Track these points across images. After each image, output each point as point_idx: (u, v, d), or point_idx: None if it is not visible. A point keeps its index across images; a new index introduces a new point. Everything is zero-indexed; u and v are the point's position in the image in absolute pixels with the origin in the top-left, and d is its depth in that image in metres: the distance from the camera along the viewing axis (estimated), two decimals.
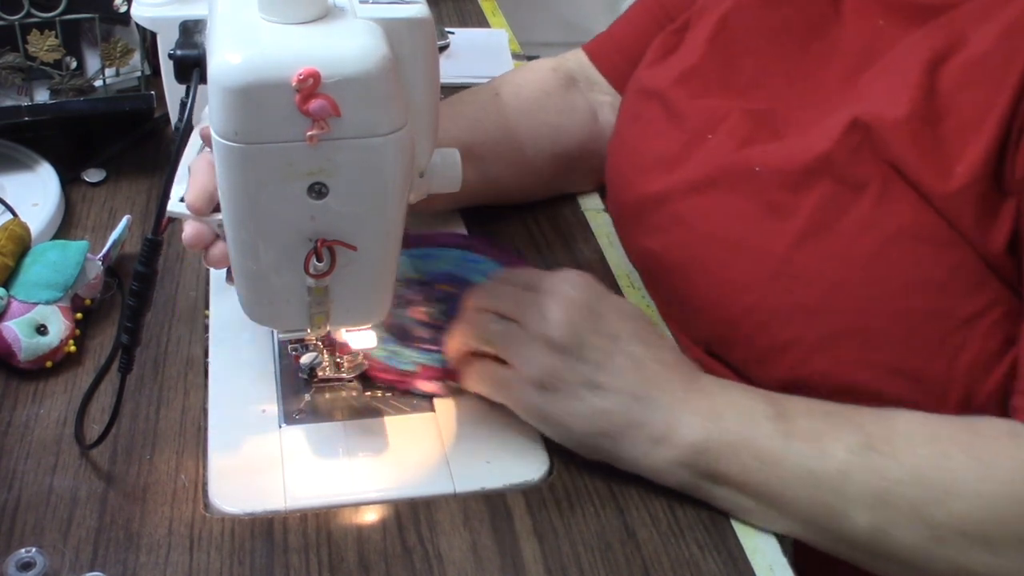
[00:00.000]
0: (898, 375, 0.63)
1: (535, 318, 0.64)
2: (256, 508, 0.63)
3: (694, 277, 0.72)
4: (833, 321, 0.65)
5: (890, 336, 0.63)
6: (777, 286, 0.66)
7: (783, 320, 0.66)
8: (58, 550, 0.59)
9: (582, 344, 0.63)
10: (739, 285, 0.68)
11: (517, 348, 0.64)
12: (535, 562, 0.61)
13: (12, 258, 0.73)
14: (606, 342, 0.64)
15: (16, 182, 0.88)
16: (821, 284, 0.65)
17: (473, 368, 0.68)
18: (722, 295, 0.70)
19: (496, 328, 0.66)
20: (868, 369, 0.64)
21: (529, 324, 0.64)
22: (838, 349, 0.65)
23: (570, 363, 0.63)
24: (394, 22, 0.56)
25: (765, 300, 0.67)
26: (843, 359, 0.65)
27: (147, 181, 0.92)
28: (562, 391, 0.63)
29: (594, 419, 0.63)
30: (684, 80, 0.77)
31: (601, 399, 0.63)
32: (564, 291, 0.65)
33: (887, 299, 0.63)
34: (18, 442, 0.66)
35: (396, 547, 0.61)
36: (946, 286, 0.62)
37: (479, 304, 0.68)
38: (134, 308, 0.60)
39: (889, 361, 0.64)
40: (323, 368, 0.71)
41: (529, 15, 2.11)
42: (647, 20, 0.91)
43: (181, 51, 0.55)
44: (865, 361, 0.64)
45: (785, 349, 0.66)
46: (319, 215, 0.56)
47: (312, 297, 0.60)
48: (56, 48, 0.88)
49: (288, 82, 0.50)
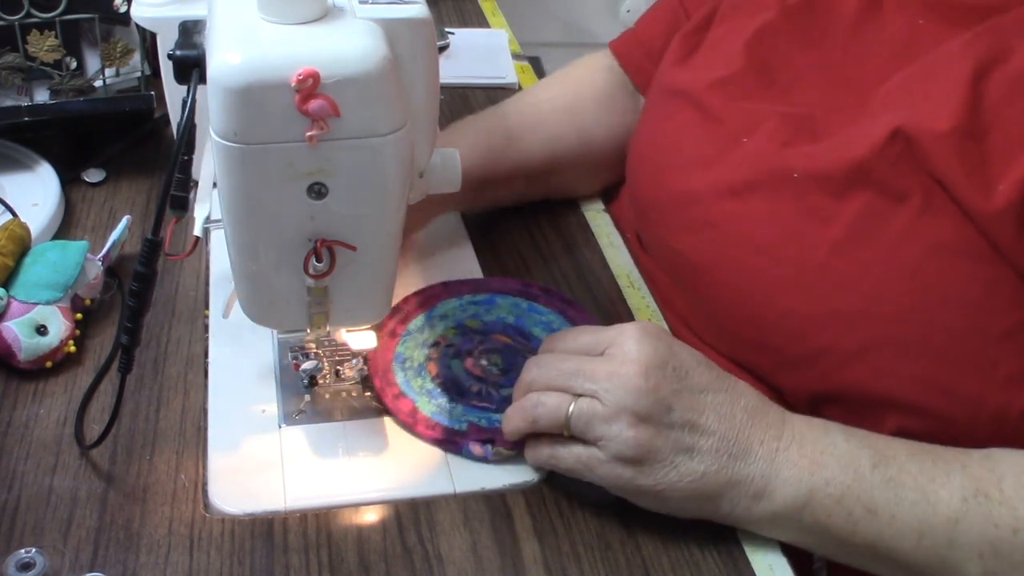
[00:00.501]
0: (931, 388, 0.62)
1: (612, 391, 0.59)
2: (256, 508, 0.63)
3: (725, 280, 0.71)
4: (868, 331, 0.63)
5: (925, 349, 0.62)
6: (813, 293, 0.65)
7: (817, 327, 0.65)
8: (58, 550, 0.59)
9: (669, 408, 0.59)
10: (773, 290, 0.67)
11: (598, 427, 0.59)
12: (535, 562, 0.61)
13: (12, 258, 0.73)
14: (692, 400, 0.60)
15: (16, 182, 0.88)
16: (859, 293, 0.63)
17: (547, 448, 0.63)
18: (754, 300, 0.68)
19: (570, 410, 0.60)
20: (901, 381, 0.63)
21: (606, 398, 0.59)
22: (872, 359, 0.63)
23: (659, 432, 0.59)
24: (394, 22, 0.56)
25: (800, 306, 0.66)
26: (876, 370, 0.63)
27: (147, 181, 0.92)
28: (655, 462, 0.59)
29: (692, 485, 0.59)
30: (721, 86, 0.75)
31: (697, 462, 0.59)
32: (635, 354, 0.60)
33: (924, 311, 0.62)
34: (18, 442, 0.66)
35: (396, 547, 0.61)
36: (983, 301, 0.61)
37: (543, 380, 0.62)
38: (134, 308, 0.60)
39: (923, 374, 0.62)
40: (323, 376, 0.71)
41: (529, 15, 2.10)
42: (668, 17, 0.91)
43: (181, 51, 0.55)
44: (899, 373, 0.63)
45: (817, 357, 0.65)
46: (319, 215, 0.56)
47: (312, 297, 0.60)
48: (56, 48, 0.88)
49: (288, 82, 0.50)
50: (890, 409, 0.63)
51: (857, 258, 0.64)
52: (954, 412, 0.62)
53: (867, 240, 0.64)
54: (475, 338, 0.74)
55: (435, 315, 0.76)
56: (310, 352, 0.73)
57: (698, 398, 0.60)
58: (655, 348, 0.60)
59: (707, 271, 0.72)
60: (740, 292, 0.70)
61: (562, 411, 0.60)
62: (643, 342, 0.60)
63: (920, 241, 0.62)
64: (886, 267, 0.63)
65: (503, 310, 0.77)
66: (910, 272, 0.62)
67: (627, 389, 0.59)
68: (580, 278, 0.84)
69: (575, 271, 0.85)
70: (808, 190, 0.67)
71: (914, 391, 0.63)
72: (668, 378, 0.60)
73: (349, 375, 0.72)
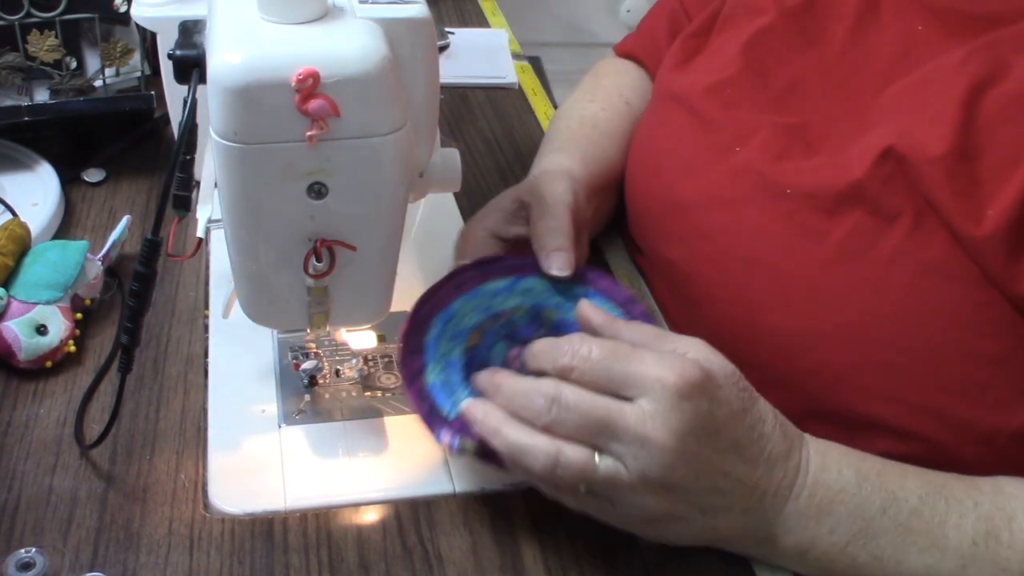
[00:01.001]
0: (921, 412, 0.62)
1: (640, 459, 0.54)
2: (256, 508, 0.63)
3: (716, 293, 0.70)
4: (858, 352, 0.63)
5: (915, 372, 0.61)
6: (802, 312, 0.65)
7: (807, 346, 0.64)
8: (58, 550, 0.59)
9: (697, 476, 0.55)
10: (763, 306, 0.67)
11: (618, 492, 0.56)
12: (535, 562, 0.61)
13: (12, 258, 0.73)
14: (721, 462, 0.56)
15: (16, 182, 0.88)
16: (849, 312, 0.63)
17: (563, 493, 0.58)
18: (744, 316, 0.68)
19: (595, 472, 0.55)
20: (890, 404, 0.62)
21: (632, 466, 0.54)
22: (860, 381, 0.63)
23: (681, 498, 0.56)
24: (394, 22, 0.56)
25: (789, 325, 0.65)
26: (865, 392, 0.63)
27: (147, 181, 0.92)
28: (670, 520, 0.58)
29: (704, 535, 0.59)
30: (717, 90, 0.75)
31: (711, 518, 0.58)
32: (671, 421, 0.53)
33: (914, 333, 0.61)
34: (18, 442, 0.66)
35: (396, 547, 0.61)
36: (973, 325, 0.60)
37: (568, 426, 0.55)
38: (134, 308, 0.60)
39: (912, 398, 0.62)
40: (323, 376, 0.71)
41: (529, 15, 2.10)
42: (666, 18, 0.91)
43: (181, 51, 0.55)
44: (887, 396, 0.62)
45: (805, 377, 0.65)
46: (319, 215, 0.56)
47: (312, 297, 0.60)
48: (56, 48, 0.88)
49: (288, 82, 0.50)
50: (878, 431, 0.63)
51: (847, 278, 0.63)
52: (943, 436, 0.62)
53: (857, 259, 0.63)
54: (540, 331, 0.66)
55: (518, 288, 0.68)
56: (310, 352, 0.73)
57: (725, 459, 0.56)
58: (695, 411, 0.54)
59: (698, 282, 0.72)
60: (730, 306, 0.69)
61: (587, 474, 0.55)
62: (681, 406, 0.54)
63: (910, 262, 0.61)
64: (876, 288, 0.62)
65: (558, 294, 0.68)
66: (900, 294, 0.61)
67: (657, 462, 0.54)
68: None
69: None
70: (800, 207, 0.66)
71: (903, 414, 0.62)
72: (702, 445, 0.55)
73: (349, 375, 0.72)
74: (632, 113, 0.89)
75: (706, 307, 0.72)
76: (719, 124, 0.74)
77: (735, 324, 0.69)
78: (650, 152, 0.80)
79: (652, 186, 0.78)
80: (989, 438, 0.61)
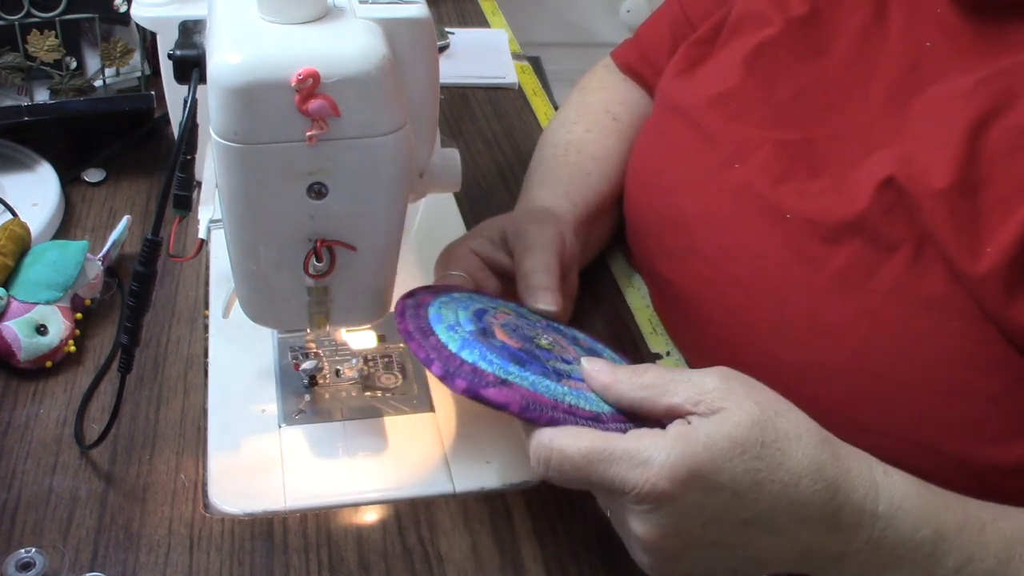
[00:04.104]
0: (916, 447, 0.61)
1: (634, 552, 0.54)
2: (256, 508, 0.63)
3: (709, 316, 0.69)
4: (854, 384, 0.61)
5: (910, 407, 0.60)
6: (797, 343, 0.64)
7: (802, 376, 0.63)
8: (58, 550, 0.59)
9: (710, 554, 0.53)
10: (757, 335, 0.66)
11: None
12: (535, 562, 0.61)
13: (12, 258, 0.73)
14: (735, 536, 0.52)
15: (16, 182, 0.88)
16: (847, 344, 0.62)
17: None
18: (738, 342, 0.67)
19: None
20: (886, 438, 0.61)
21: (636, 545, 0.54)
22: (857, 414, 0.61)
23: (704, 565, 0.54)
24: (394, 22, 0.56)
25: (783, 355, 0.64)
26: (861, 425, 0.61)
27: (147, 181, 0.92)
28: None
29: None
30: (720, 102, 0.74)
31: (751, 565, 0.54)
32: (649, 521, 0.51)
33: (911, 367, 0.60)
34: (18, 442, 0.66)
35: (396, 547, 0.61)
36: (971, 361, 0.59)
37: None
38: (134, 308, 0.60)
39: (908, 433, 0.61)
40: (323, 375, 0.71)
41: (529, 15, 2.11)
42: (669, 26, 0.89)
43: (181, 51, 0.55)
44: (883, 430, 0.61)
45: (801, 406, 0.61)
46: (319, 215, 0.56)
47: (312, 297, 0.60)
48: (56, 48, 0.88)
49: (287, 82, 0.50)
50: None
51: (844, 309, 0.62)
52: (937, 470, 0.59)
53: (856, 290, 0.62)
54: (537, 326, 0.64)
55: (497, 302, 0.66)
56: (310, 352, 0.73)
57: (740, 533, 0.52)
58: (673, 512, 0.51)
59: (693, 302, 0.71)
60: (724, 330, 0.68)
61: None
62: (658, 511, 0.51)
63: (909, 295, 0.60)
64: (874, 321, 0.61)
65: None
66: (898, 327, 0.60)
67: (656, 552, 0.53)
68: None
69: None
70: (799, 232, 0.65)
71: (898, 449, 0.60)
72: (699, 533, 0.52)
73: (349, 375, 0.72)
74: (620, 127, 0.88)
75: (701, 330, 0.71)
76: (720, 138, 0.72)
77: (727, 348, 0.68)
78: (649, 164, 0.79)
79: (650, 199, 0.77)
80: (984, 473, 0.60)
